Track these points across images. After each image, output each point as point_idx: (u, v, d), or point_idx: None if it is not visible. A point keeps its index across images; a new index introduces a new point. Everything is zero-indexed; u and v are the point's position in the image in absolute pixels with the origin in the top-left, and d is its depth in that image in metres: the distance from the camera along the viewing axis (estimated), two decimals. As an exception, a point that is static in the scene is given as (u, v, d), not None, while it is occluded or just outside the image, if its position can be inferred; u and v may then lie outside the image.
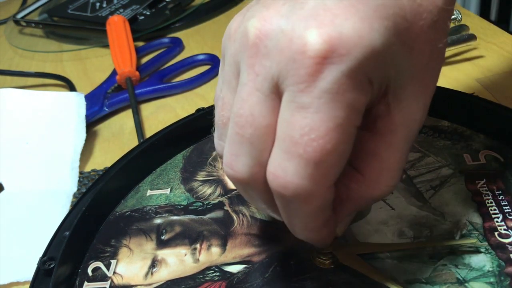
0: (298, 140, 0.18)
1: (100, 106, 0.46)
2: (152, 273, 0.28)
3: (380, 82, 0.20)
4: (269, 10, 0.19)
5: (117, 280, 0.28)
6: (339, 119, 0.18)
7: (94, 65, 0.57)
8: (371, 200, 0.22)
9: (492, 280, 0.24)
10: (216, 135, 0.24)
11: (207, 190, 0.32)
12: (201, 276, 0.27)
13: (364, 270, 0.25)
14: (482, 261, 0.25)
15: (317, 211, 0.20)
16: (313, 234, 0.22)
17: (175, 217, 0.31)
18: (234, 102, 0.20)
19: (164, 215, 0.31)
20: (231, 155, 0.21)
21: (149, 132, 0.43)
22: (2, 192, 0.38)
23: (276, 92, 0.19)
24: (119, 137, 0.44)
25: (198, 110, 0.38)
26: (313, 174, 0.19)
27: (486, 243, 0.26)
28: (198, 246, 0.29)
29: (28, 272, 0.30)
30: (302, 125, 0.18)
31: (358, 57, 0.18)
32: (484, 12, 1.03)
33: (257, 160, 0.20)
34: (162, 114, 0.46)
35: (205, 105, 0.39)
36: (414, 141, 0.22)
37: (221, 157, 0.23)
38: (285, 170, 0.19)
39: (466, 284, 0.24)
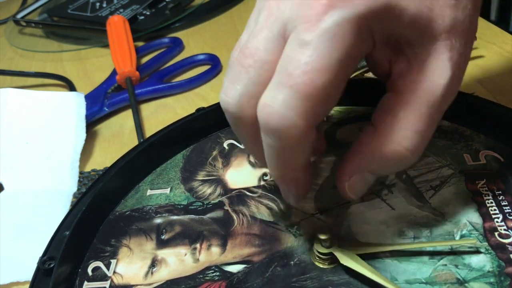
0: (292, 72, 0.20)
1: (100, 106, 0.46)
2: (152, 273, 0.28)
3: (386, 35, 0.21)
4: None
5: (117, 280, 0.28)
6: (334, 60, 0.20)
7: (94, 65, 0.57)
8: (384, 158, 0.22)
9: (492, 280, 0.24)
10: (227, 74, 0.24)
11: (207, 189, 0.32)
12: (201, 276, 0.27)
13: (363, 270, 0.25)
14: (482, 261, 0.25)
15: (297, 148, 0.22)
16: (290, 176, 0.23)
17: (175, 217, 0.31)
18: (246, 36, 0.22)
19: (164, 214, 0.31)
20: (228, 82, 0.23)
21: (149, 132, 0.43)
22: (2, 192, 0.38)
23: (283, 34, 0.21)
24: (119, 137, 0.44)
25: (198, 110, 0.38)
26: (299, 106, 0.20)
27: (486, 243, 0.26)
28: (198, 246, 0.29)
29: (28, 272, 0.30)
30: (299, 58, 0.20)
31: (359, 7, 0.19)
32: (484, 12, 1.03)
33: (249, 90, 0.22)
34: (162, 114, 0.46)
35: (205, 105, 0.39)
36: (442, 111, 0.22)
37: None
38: (274, 99, 0.20)
39: (466, 285, 0.24)
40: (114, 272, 0.28)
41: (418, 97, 0.21)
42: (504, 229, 0.26)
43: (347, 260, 0.26)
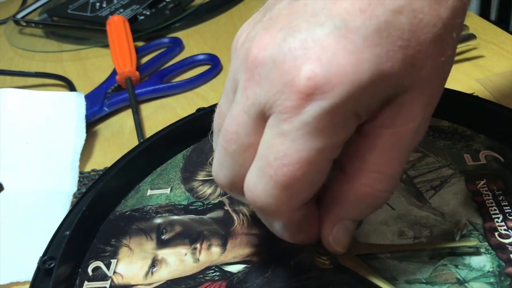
0: (271, 162, 0.20)
1: (100, 106, 0.46)
2: (152, 273, 0.28)
3: (371, 109, 0.20)
4: (267, 34, 0.20)
5: (117, 280, 0.28)
6: (313, 151, 0.19)
7: (94, 65, 0.57)
8: (359, 202, 0.22)
9: (492, 280, 0.24)
10: (213, 139, 0.25)
11: (207, 190, 0.32)
12: (201, 275, 0.27)
13: (362, 271, 0.25)
14: (482, 261, 0.25)
15: (286, 225, 0.22)
16: (289, 238, 0.23)
17: (175, 217, 0.31)
18: (226, 116, 0.22)
19: (164, 214, 0.31)
20: (216, 164, 0.23)
21: (149, 132, 0.43)
22: (2, 192, 0.38)
23: (262, 117, 0.20)
24: (119, 137, 0.44)
25: (198, 110, 0.38)
26: (279, 195, 0.20)
27: (486, 244, 0.26)
28: (198, 245, 0.29)
29: (28, 272, 0.30)
30: (278, 149, 0.19)
31: (342, 94, 0.18)
32: (484, 12, 1.03)
33: (236, 173, 0.22)
34: (162, 114, 0.46)
35: (205, 105, 0.39)
36: (412, 149, 0.22)
37: None
38: (256, 186, 0.21)
39: (466, 285, 0.24)
40: (114, 272, 0.28)
41: (387, 141, 0.21)
42: (504, 229, 0.26)
43: (346, 261, 0.26)
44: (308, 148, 0.19)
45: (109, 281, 0.28)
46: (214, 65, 0.51)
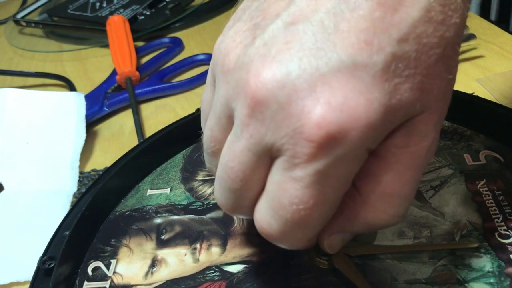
0: (286, 205, 0.19)
1: (100, 106, 0.46)
2: (152, 273, 0.28)
3: (382, 139, 0.19)
4: (265, 66, 0.18)
5: (117, 280, 0.28)
6: (328, 193, 0.19)
7: (94, 65, 0.57)
8: (367, 224, 0.22)
9: (492, 280, 0.24)
10: (205, 159, 0.24)
11: (207, 189, 0.32)
12: (201, 276, 0.27)
13: (352, 276, 0.25)
14: (482, 261, 0.25)
15: (298, 248, 0.22)
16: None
17: (175, 217, 0.31)
18: (225, 149, 0.21)
19: (164, 214, 0.31)
20: (220, 195, 0.22)
21: (149, 132, 0.43)
22: (2, 192, 0.38)
23: (268, 155, 0.19)
24: (119, 137, 0.44)
25: (198, 110, 0.38)
26: (296, 233, 0.20)
27: (486, 244, 0.26)
28: (198, 246, 0.29)
29: (28, 272, 0.30)
30: (292, 194, 0.19)
31: (355, 140, 0.18)
32: (484, 12, 1.03)
33: (244, 204, 0.21)
34: (162, 114, 0.46)
35: (205, 105, 0.39)
36: (424, 168, 0.21)
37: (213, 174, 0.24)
38: (270, 225, 0.20)
39: (466, 285, 0.24)
40: (114, 272, 0.28)
41: (403, 162, 0.20)
42: (504, 229, 0.26)
43: (339, 264, 0.26)
44: (323, 192, 0.19)
45: (108, 281, 0.28)
46: (214, 65, 0.50)
